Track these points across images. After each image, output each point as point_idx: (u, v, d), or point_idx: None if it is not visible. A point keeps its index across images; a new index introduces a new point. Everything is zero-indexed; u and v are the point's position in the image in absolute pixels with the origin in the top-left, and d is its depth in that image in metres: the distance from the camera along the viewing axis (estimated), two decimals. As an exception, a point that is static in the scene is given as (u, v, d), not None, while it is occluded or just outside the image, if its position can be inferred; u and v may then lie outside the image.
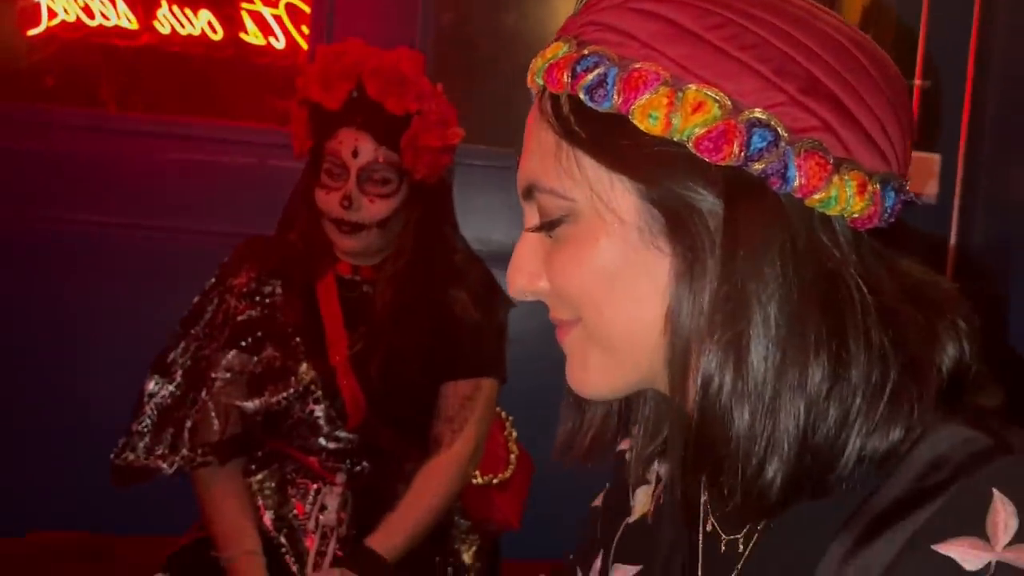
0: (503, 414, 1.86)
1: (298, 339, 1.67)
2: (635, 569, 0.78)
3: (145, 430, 1.64)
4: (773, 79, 0.59)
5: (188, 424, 1.63)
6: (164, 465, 1.61)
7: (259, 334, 1.66)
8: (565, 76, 0.63)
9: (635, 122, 0.60)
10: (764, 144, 0.58)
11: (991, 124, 2.13)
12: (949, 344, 0.61)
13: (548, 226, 0.66)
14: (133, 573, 1.62)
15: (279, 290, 1.70)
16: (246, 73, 2.39)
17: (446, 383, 1.71)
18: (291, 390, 1.64)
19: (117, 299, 2.16)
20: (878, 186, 0.61)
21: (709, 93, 0.59)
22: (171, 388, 1.66)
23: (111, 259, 2.18)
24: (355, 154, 1.61)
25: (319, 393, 1.65)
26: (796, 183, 0.59)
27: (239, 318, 1.67)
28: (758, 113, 0.58)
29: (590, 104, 0.62)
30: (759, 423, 0.58)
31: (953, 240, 2.15)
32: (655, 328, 0.63)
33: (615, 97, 0.60)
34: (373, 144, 1.60)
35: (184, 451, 1.61)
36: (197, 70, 2.39)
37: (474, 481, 1.76)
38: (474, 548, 1.75)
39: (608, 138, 0.62)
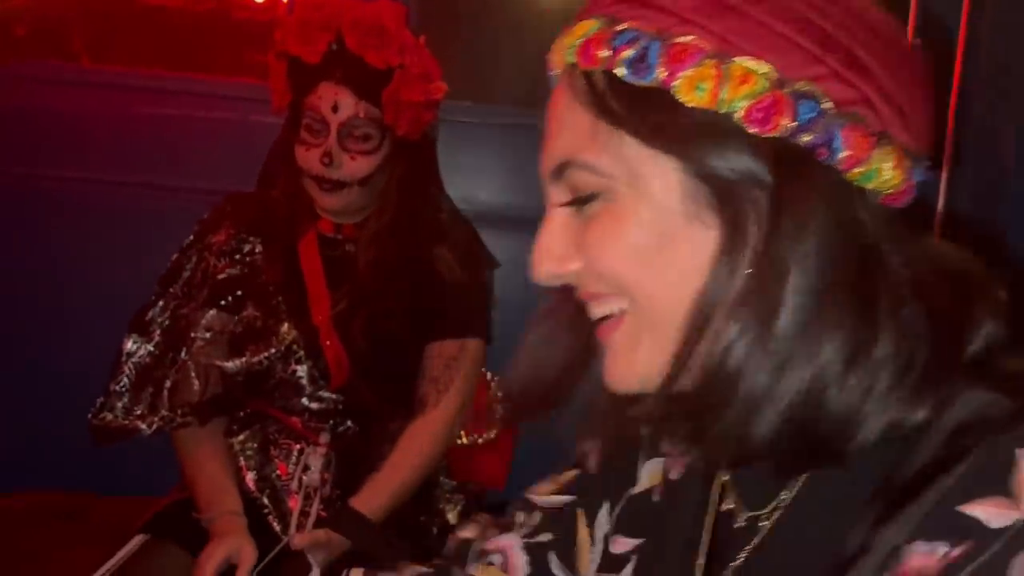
0: (488, 374, 1.85)
1: (279, 298, 1.65)
2: (637, 542, 0.78)
3: (123, 390, 1.62)
4: (815, 52, 0.59)
5: (167, 384, 1.61)
6: (143, 426, 1.60)
7: (239, 293, 1.64)
8: (602, 51, 0.62)
9: (680, 95, 0.60)
10: (811, 116, 0.59)
11: (981, 85, 2.12)
12: (980, 320, 0.62)
13: (581, 201, 0.65)
14: (113, 533, 1.61)
15: (259, 248, 1.67)
16: (227, 27, 2.35)
17: (431, 343, 1.69)
18: (273, 350, 1.63)
19: (94, 257, 2.12)
20: (909, 163, 0.62)
21: (755, 65, 0.59)
22: (149, 347, 1.64)
23: (87, 216, 2.14)
24: (335, 109, 1.57)
25: (301, 353, 1.64)
26: (841, 155, 0.59)
27: (219, 276, 1.65)
28: (803, 85, 0.59)
29: (631, 79, 0.61)
30: (765, 381, 0.58)
31: (941, 202, 2.15)
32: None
33: (658, 70, 0.60)
34: (353, 99, 1.57)
35: (163, 411, 1.59)
36: (177, 24, 2.34)
37: (459, 441, 1.75)
38: (459, 508, 1.75)
39: (650, 114, 0.61)
